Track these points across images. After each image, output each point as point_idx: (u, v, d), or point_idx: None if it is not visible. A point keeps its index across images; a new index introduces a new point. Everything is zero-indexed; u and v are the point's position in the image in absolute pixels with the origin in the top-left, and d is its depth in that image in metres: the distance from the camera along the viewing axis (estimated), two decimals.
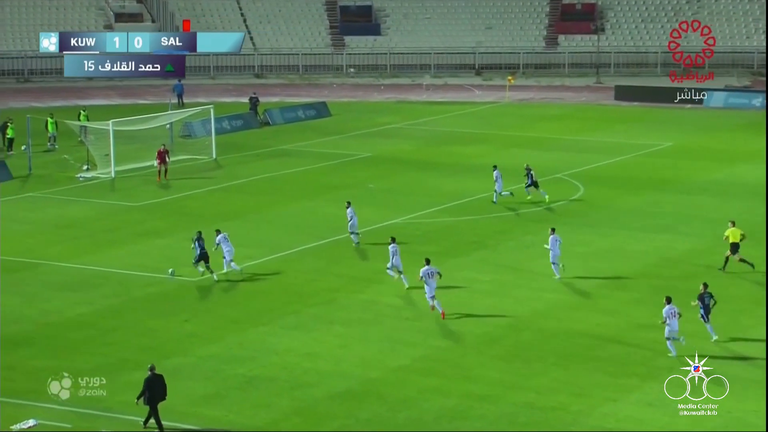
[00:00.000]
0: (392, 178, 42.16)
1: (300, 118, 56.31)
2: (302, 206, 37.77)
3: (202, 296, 28.05)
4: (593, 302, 27.25)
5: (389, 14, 76.20)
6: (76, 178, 41.77)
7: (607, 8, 75.67)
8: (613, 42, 73.41)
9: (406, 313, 26.76)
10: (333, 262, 31.03)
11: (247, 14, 74.77)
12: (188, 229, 34.48)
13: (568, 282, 28.58)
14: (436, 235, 34.12)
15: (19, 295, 27.75)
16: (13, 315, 26.23)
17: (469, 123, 55.53)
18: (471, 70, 72.73)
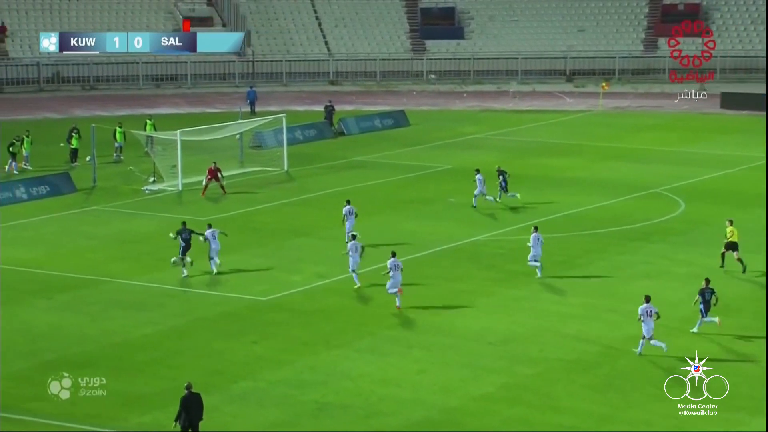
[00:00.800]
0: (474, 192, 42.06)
1: (377, 128, 56.63)
2: (378, 221, 37.93)
3: (272, 317, 28.35)
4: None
5: (473, 16, 76.24)
6: (142, 191, 42.64)
7: (712, 9, 74.44)
8: (719, 45, 72.12)
9: (489, 336, 26.66)
10: (411, 282, 31.03)
11: (322, 17, 75.60)
12: (258, 245, 34.98)
13: (668, 305, 28.09)
14: (521, 253, 33.90)
15: (81, 313, 28.41)
16: (75, 335, 26.86)
17: (558, 133, 55.14)
18: (561, 76, 72.27)
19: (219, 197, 41.34)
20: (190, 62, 69.89)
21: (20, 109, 61.30)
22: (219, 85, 70.15)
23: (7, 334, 26.73)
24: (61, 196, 41.69)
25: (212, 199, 41.42)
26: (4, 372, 23.94)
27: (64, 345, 25.94)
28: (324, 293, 30.27)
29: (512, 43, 74.23)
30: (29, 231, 36.74)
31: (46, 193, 41.65)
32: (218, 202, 40.99)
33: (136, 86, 69.27)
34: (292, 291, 30.42)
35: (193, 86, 69.76)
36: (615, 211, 39.01)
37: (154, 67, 69.57)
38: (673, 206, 39.54)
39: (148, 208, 40.17)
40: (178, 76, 70.04)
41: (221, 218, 38.42)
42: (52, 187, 42.06)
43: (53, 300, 29.53)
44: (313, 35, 74.69)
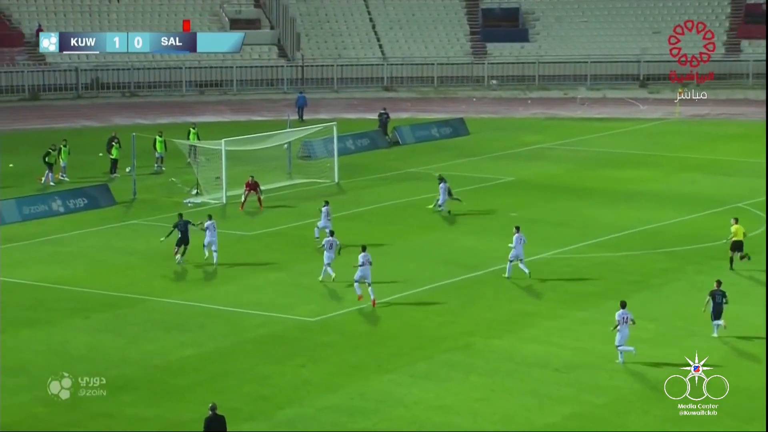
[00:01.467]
0: (539, 207, 41.93)
1: (434, 137, 56.69)
2: (435, 237, 37.94)
3: (321, 338, 28.46)
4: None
5: (539, 17, 76.06)
6: (184, 204, 43.07)
7: None
8: None
9: (555, 362, 26.51)
10: (470, 302, 31.03)
11: (376, 19, 75.96)
12: (306, 262, 35.17)
13: (752, 328, 27.68)
14: (589, 272, 33.69)
15: (120, 334, 28.73)
16: (114, 357, 27.16)
17: (631, 143, 54.73)
18: (634, 82, 71.76)
19: (257, 212, 41.57)
20: (236, 67, 70.56)
21: (57, 117, 62.38)
22: (266, 92, 70.74)
23: (43, 356, 27.14)
24: (100, 209, 42.28)
25: (251, 213, 41.72)
26: (41, 395, 24.31)
27: (102, 367, 26.25)
28: (377, 314, 30.30)
29: (581, 46, 73.90)
30: (66, 246, 37.32)
31: (84, 205, 42.25)
32: (258, 216, 41.27)
33: (179, 93, 70.09)
34: (343, 311, 30.52)
35: (239, 93, 70.43)
36: (693, 228, 38.60)
37: (197, 72, 70.34)
38: (757, 222, 39.01)
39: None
40: (223, 82, 70.74)
41: (268, 233, 38.73)
42: (90, 199, 42.66)
43: (91, 319, 29.94)
44: (366, 38, 75.05)
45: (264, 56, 72.64)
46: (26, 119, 61.10)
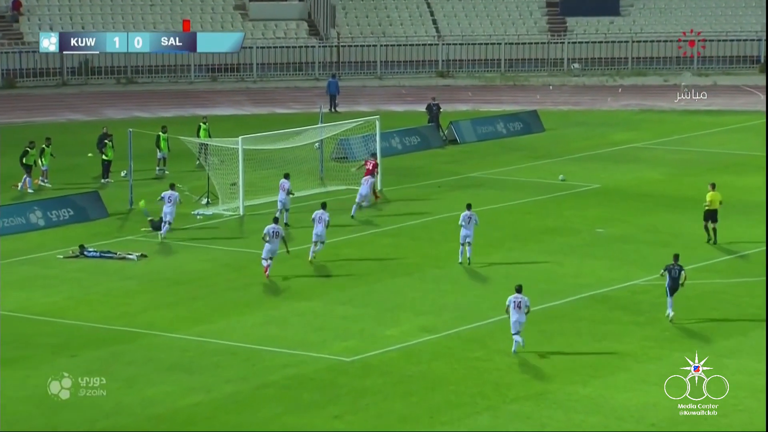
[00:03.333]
0: (631, 221, 41.79)
1: (500, 134, 56.74)
2: (501, 258, 37.94)
3: (360, 383, 28.57)
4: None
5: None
6: (193, 216, 43.39)
7: None
8: None
9: (651, 416, 26.46)
10: (545, 340, 31.01)
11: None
12: (341, 289, 35.29)
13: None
14: (696, 303, 33.53)
15: (116, 377, 28.80)
16: (106, 405, 27.25)
17: (748, 142, 54.42)
18: (754, 66, 71.36)
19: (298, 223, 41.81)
20: (257, 48, 70.87)
21: (38, 108, 63.10)
22: (293, 78, 71.06)
23: (19, 405, 27.42)
24: (89, 223, 42.66)
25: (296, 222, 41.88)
26: None
27: (91, 418, 26.49)
28: (429, 353, 30.37)
29: (685, 21, 73.63)
30: (48, 268, 37.73)
31: (70, 218, 42.64)
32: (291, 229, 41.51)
33: (187, 79, 70.57)
34: (387, 349, 30.58)
35: (260, 79, 70.83)
36: None
37: (209, 55, 70.10)
38: None
39: (200, 238, 40.84)
40: (241, 66, 71.04)
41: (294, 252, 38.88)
42: (77, 210, 43.05)
43: (79, 358, 30.16)
44: (417, 12, 75.29)
45: (291, 34, 73.05)
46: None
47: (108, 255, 38.31)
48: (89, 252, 38.43)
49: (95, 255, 38.30)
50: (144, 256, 38.29)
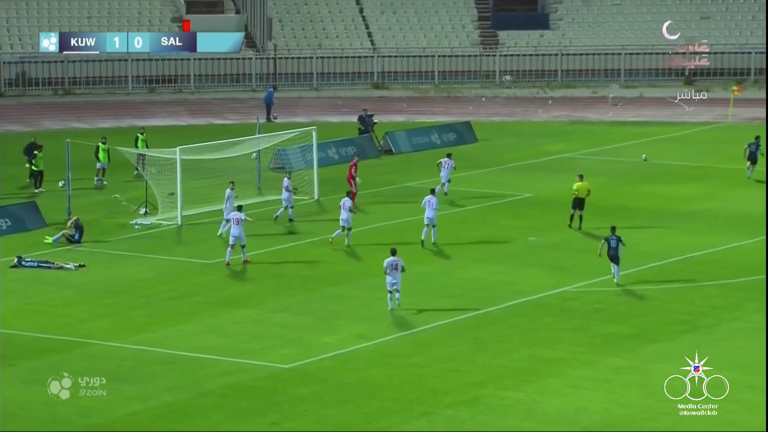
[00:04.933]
0: (563, 230, 42.00)
1: (434, 145, 56.84)
2: (437, 267, 37.99)
3: (297, 390, 28.44)
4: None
5: (562, 0, 76.46)
6: (131, 226, 43.11)
7: None
8: None
9: (584, 420, 26.54)
10: (479, 346, 31.06)
11: (364, 2, 76.30)
12: (280, 297, 35.15)
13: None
14: (625, 310, 33.74)
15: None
16: (43, 415, 27.02)
17: (675, 152, 54.93)
18: (678, 78, 72.09)
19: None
20: (194, 60, 70.58)
21: None
22: (230, 89, 70.86)
23: None
24: (26, 233, 42.28)
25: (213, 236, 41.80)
26: None
27: (27, 427, 26.17)
28: (365, 360, 30.32)
29: (613, 35, 74.28)
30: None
31: (7, 228, 42.28)
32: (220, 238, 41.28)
33: (125, 90, 70.16)
34: (324, 356, 30.50)
35: (198, 90, 70.53)
36: (753, 255, 38.68)
37: (146, 65, 70.25)
38: None
39: (138, 248, 40.57)
40: (178, 77, 70.77)
41: (234, 260, 38.67)
42: (14, 220, 42.68)
43: (16, 368, 29.85)
44: (352, 25, 75.34)
45: None
46: None
47: (46, 265, 37.85)
48: (27, 262, 37.94)
49: (33, 265, 37.82)
50: (82, 266, 37.89)
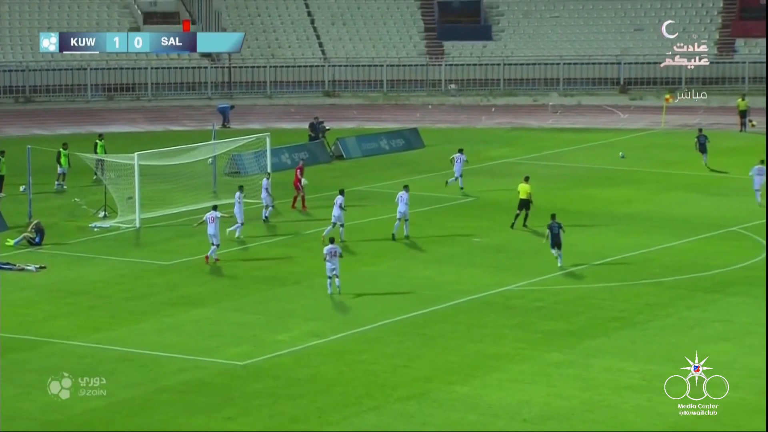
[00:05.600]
0: (506, 231, 42.16)
1: (383, 150, 56.85)
2: (386, 267, 37.99)
3: (252, 386, 28.36)
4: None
5: (504, 12, 76.80)
6: (90, 229, 42.80)
7: None
8: None
9: (524, 412, 26.64)
10: (427, 343, 31.10)
11: (315, 13, 76.19)
12: (235, 297, 35.03)
13: (749, 375, 28.01)
14: (564, 307, 33.91)
15: (14, 383, 28.37)
16: (5, 411, 26.79)
17: (611, 157, 55.28)
18: (614, 87, 72.59)
19: (189, 236, 41.44)
20: (151, 69, 70.31)
21: None
22: (186, 97, 70.54)
23: None
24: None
25: (179, 237, 41.56)
26: None
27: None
28: (318, 356, 30.27)
29: (552, 46, 74.65)
30: None
31: None
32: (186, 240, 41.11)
33: (84, 98, 69.68)
34: (278, 353, 30.42)
35: (155, 98, 70.17)
36: (684, 255, 39.02)
37: (105, 74, 69.92)
38: (756, 250, 39.53)
39: (98, 250, 40.30)
40: (136, 86, 70.40)
41: (189, 262, 38.52)
42: None
43: None
44: (304, 36, 75.21)
45: (184, 56, 72.41)
46: None
47: (7, 267, 37.49)
48: None
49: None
50: (43, 268, 37.55)
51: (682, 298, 34.49)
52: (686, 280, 36.30)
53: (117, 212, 43.88)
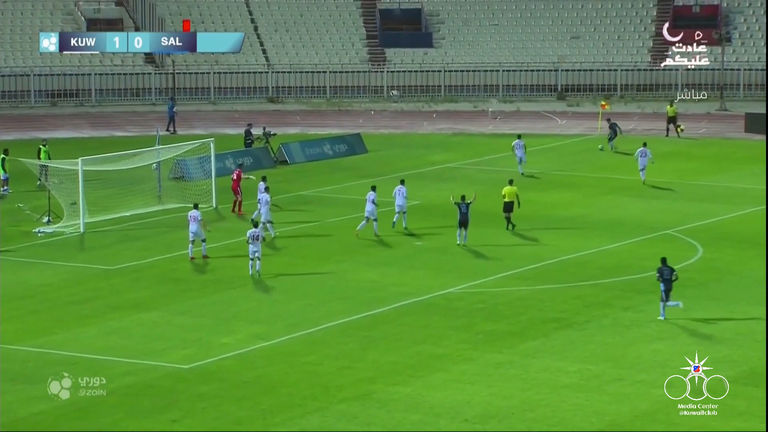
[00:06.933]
0: (447, 235, 42.30)
1: (327, 155, 56.82)
2: (329, 270, 37.97)
3: (197, 389, 28.23)
4: (719, 401, 26.99)
5: (444, 20, 77.08)
6: (34, 234, 42.39)
7: (735, 11, 75.79)
8: (742, 56, 73.40)
9: (466, 412, 26.75)
10: (370, 344, 31.13)
11: (258, 20, 76.02)
12: (179, 300, 34.85)
13: (682, 373, 28.34)
14: (505, 309, 34.08)
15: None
16: None
17: (549, 162, 55.65)
18: (552, 93, 73.10)
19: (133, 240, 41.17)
20: (95, 75, 69.82)
21: None
22: (130, 103, 70.09)
23: None
24: None
25: (123, 241, 41.29)
26: None
27: None
28: (263, 359, 30.21)
29: (491, 53, 75.03)
30: None
31: None
32: (130, 244, 40.83)
33: (27, 104, 69.05)
34: (223, 356, 30.31)
35: (99, 104, 69.65)
36: (619, 257, 39.37)
37: (48, 80, 69.40)
38: (689, 251, 39.97)
39: (42, 254, 39.92)
40: (80, 91, 69.87)
41: (134, 267, 38.28)
42: None
43: None
44: (248, 42, 74.92)
45: (128, 62, 71.99)
46: None
47: None
48: None
49: None
50: None
51: (618, 299, 34.79)
52: (623, 281, 36.62)
53: (61, 217, 43.49)
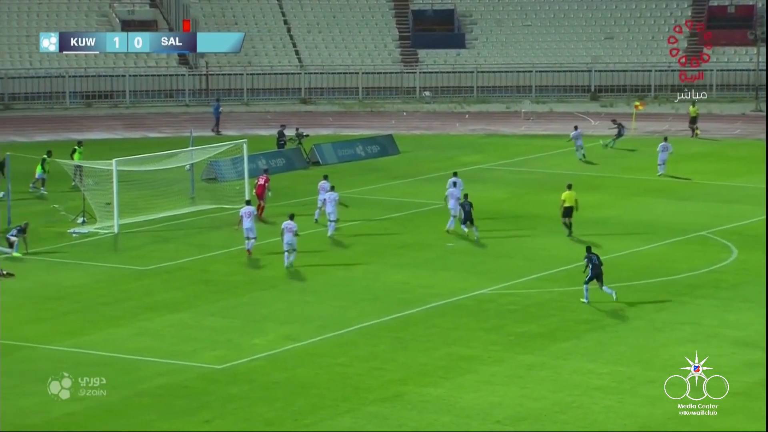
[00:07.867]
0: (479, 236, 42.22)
1: (359, 156, 56.84)
2: (360, 272, 37.97)
3: (229, 389, 28.29)
4: (751, 405, 26.83)
5: (477, 21, 76.93)
6: (69, 234, 42.62)
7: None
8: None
9: (497, 414, 26.67)
10: (401, 346, 31.09)
11: (291, 22, 76.15)
12: (211, 301, 34.93)
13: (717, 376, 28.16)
14: (536, 310, 33.97)
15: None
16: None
17: (581, 164, 55.44)
18: (585, 94, 72.82)
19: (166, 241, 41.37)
20: (129, 76, 70.17)
21: None
22: (164, 105, 70.39)
23: None
24: None
25: (156, 242, 41.45)
26: None
27: None
28: (293, 360, 30.23)
29: (524, 54, 74.83)
30: None
31: None
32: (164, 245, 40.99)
33: (62, 105, 69.46)
34: (254, 357, 30.37)
35: (133, 105, 70.00)
36: (652, 259, 39.15)
37: (83, 82, 69.80)
38: (724, 253, 39.70)
39: (76, 255, 40.12)
40: (114, 93, 70.25)
41: (166, 268, 38.41)
42: None
43: None
44: (280, 43, 75.17)
45: (162, 63, 72.31)
46: None
47: None
48: None
49: None
50: (11, 275, 37.07)
51: (650, 301, 34.62)
52: (655, 283, 36.43)
53: (96, 218, 43.72)
